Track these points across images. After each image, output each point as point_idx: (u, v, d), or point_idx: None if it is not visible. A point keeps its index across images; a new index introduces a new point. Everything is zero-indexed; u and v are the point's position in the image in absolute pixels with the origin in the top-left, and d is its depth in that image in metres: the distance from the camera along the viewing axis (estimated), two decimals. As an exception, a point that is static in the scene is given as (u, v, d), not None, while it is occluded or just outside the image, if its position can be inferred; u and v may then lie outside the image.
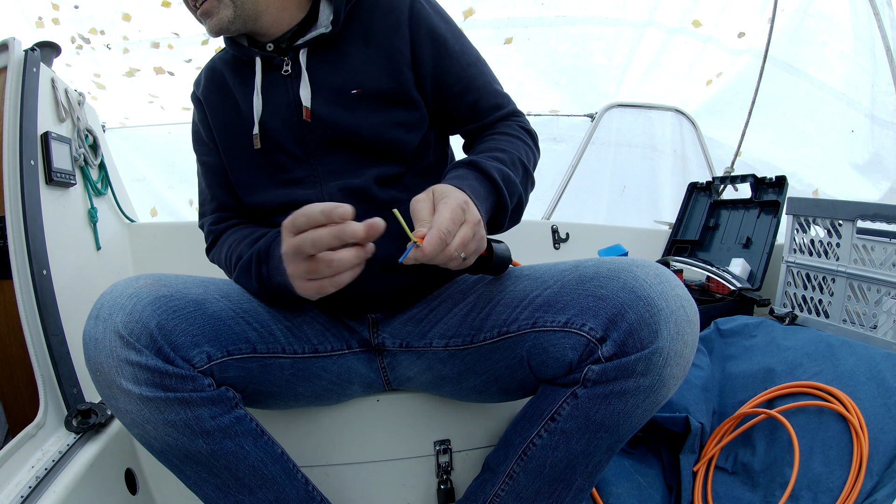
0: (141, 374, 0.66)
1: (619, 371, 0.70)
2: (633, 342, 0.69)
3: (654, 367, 0.69)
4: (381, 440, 1.00)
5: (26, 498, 0.74)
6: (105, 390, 0.67)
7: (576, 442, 0.74)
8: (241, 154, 0.91)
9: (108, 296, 0.70)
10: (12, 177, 0.92)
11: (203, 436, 0.70)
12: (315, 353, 0.85)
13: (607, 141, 2.18)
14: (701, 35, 2.13)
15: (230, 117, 0.91)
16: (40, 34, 1.64)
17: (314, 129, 0.85)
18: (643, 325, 0.69)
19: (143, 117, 1.95)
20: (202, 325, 0.73)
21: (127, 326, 0.66)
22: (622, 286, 0.72)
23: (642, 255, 1.68)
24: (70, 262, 1.03)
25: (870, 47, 2.01)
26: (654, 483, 0.99)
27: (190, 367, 0.69)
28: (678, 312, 0.69)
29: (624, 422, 0.72)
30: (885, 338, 1.08)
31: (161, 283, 0.73)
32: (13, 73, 0.96)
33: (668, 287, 0.71)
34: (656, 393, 0.71)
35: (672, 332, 0.68)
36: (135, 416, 0.67)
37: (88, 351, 0.68)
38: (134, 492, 0.94)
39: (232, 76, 0.92)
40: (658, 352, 0.68)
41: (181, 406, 0.68)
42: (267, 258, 0.79)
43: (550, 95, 2.14)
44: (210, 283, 0.80)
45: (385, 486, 1.02)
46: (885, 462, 0.85)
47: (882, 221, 1.12)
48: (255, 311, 0.80)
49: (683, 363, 0.70)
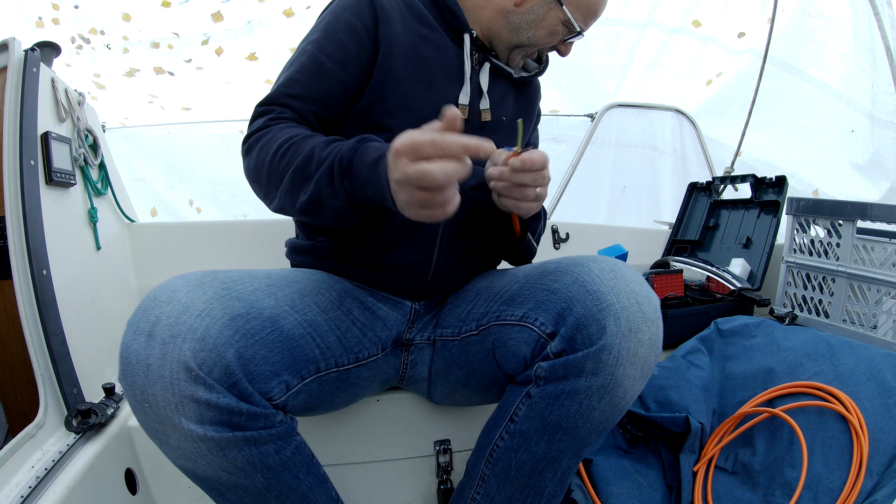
0: (207, 412, 0.57)
1: (567, 368, 0.68)
2: (581, 338, 0.67)
3: (605, 365, 0.66)
4: (382, 440, 1.00)
5: (26, 498, 0.74)
6: (153, 424, 0.58)
7: (535, 444, 0.72)
8: (402, 94, 0.84)
9: (165, 307, 0.58)
10: (12, 177, 0.92)
11: (263, 471, 0.63)
12: (357, 363, 0.82)
13: (607, 141, 2.18)
14: (701, 35, 2.13)
15: (409, 55, 0.85)
16: (40, 34, 1.64)
17: (471, 121, 0.91)
18: (591, 321, 0.67)
19: (143, 117, 1.94)
20: (280, 350, 0.65)
21: (198, 357, 0.56)
22: (574, 280, 0.71)
23: (642, 254, 1.68)
24: (70, 262, 1.03)
25: (870, 47, 2.01)
26: (654, 483, 0.99)
27: (266, 402, 0.62)
28: (630, 308, 0.66)
29: (582, 424, 0.69)
30: (885, 338, 1.08)
31: (230, 292, 0.63)
32: (13, 73, 0.96)
33: (621, 282, 0.68)
34: (611, 394, 0.67)
35: (623, 329, 0.66)
36: (188, 452, 0.59)
37: (135, 376, 0.56)
38: (134, 492, 0.94)
39: (425, 20, 0.89)
40: (607, 349, 0.65)
41: (248, 444, 0.60)
42: (350, 170, 0.67)
43: (550, 95, 2.14)
44: (274, 287, 0.71)
45: (385, 486, 1.02)
46: (885, 462, 0.85)
47: (882, 221, 1.12)
48: (316, 323, 0.74)
49: (639, 363, 0.67)
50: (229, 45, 1.83)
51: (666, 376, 1.10)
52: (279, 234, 1.33)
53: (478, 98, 0.92)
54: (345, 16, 0.85)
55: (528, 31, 0.92)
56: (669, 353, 1.22)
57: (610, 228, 1.83)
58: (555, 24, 0.92)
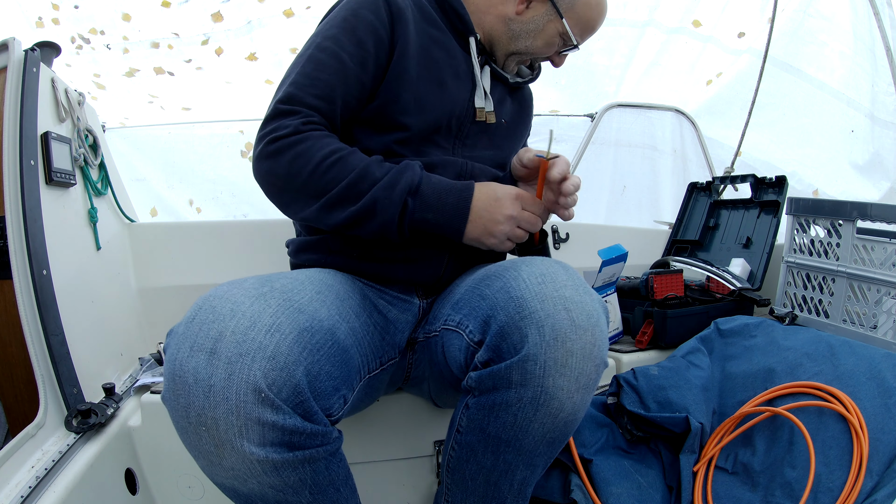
0: (271, 434, 0.53)
1: (494, 379, 0.65)
2: (506, 347, 0.64)
3: (532, 376, 0.62)
4: (382, 440, 1.01)
5: (26, 498, 0.74)
6: (207, 447, 0.53)
7: (482, 456, 0.70)
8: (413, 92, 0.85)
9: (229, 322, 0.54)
10: (12, 177, 0.92)
11: (311, 488, 0.60)
12: (381, 367, 0.82)
13: (607, 141, 2.18)
14: (701, 35, 2.13)
15: (420, 54, 0.87)
16: (40, 34, 1.64)
17: (476, 122, 0.93)
18: (513, 329, 0.63)
19: (143, 117, 1.94)
20: (339, 363, 0.63)
21: (268, 377, 0.52)
22: (502, 286, 0.68)
23: (642, 254, 1.68)
24: (70, 262, 1.03)
25: (870, 47, 2.01)
26: (654, 483, 0.99)
27: (327, 419, 0.60)
28: (557, 315, 0.63)
29: (523, 437, 0.66)
30: (885, 338, 1.08)
31: (292, 303, 0.60)
32: (13, 73, 0.96)
33: (549, 288, 0.65)
34: (546, 406, 0.64)
35: (547, 338, 0.62)
36: (240, 474, 0.55)
37: (191, 398, 0.52)
38: (134, 492, 0.94)
39: (434, 21, 0.91)
40: (531, 358, 0.62)
41: (302, 464, 0.58)
42: (416, 192, 0.75)
43: (550, 95, 2.14)
44: (322, 294, 0.69)
45: (385, 486, 1.02)
46: (885, 462, 0.85)
47: (882, 221, 1.12)
48: (356, 330, 0.73)
49: (572, 374, 0.63)
50: (229, 45, 1.83)
51: (666, 376, 1.10)
52: (279, 234, 1.33)
53: (480, 101, 0.93)
54: (362, 13, 0.83)
55: (526, 40, 0.94)
56: (669, 353, 1.22)
57: (610, 228, 1.83)
58: (552, 36, 0.94)
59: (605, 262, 1.23)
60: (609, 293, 1.32)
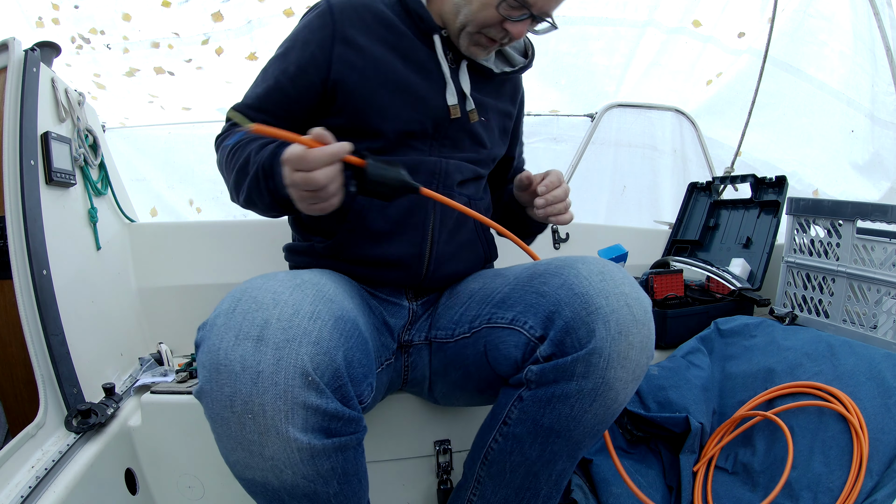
0: (313, 419, 0.55)
1: (557, 372, 0.67)
2: (570, 341, 0.66)
3: (595, 368, 0.65)
4: (382, 440, 1.00)
5: (26, 498, 0.74)
6: (251, 436, 0.54)
7: (529, 447, 0.71)
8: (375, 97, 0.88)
9: (273, 310, 0.55)
10: (12, 177, 0.92)
11: (341, 477, 0.61)
12: (380, 366, 0.83)
13: (607, 141, 2.18)
14: (701, 35, 2.13)
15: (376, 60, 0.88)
16: (40, 34, 1.64)
17: (454, 121, 0.92)
18: (580, 324, 0.66)
19: (143, 117, 1.94)
20: (365, 352, 0.65)
21: (314, 360, 0.54)
22: (562, 283, 0.70)
23: (642, 254, 1.68)
24: (70, 262, 1.03)
25: (870, 47, 2.01)
26: (654, 483, 0.99)
27: (360, 405, 0.62)
28: (620, 311, 0.66)
29: (575, 427, 0.69)
30: (885, 338, 1.08)
31: (324, 293, 0.62)
32: (13, 73, 0.96)
33: (610, 284, 0.67)
34: (603, 396, 0.67)
35: (612, 332, 0.65)
36: (278, 464, 0.55)
37: (238, 385, 0.52)
38: (134, 492, 0.94)
39: (389, 23, 0.90)
40: (597, 352, 0.65)
41: (337, 451, 0.59)
42: (272, 174, 0.76)
43: (550, 95, 2.14)
44: (340, 287, 0.72)
45: (385, 486, 1.02)
46: (885, 462, 0.85)
47: (882, 221, 1.12)
48: (369, 325, 0.75)
49: (631, 366, 0.66)
50: (229, 45, 1.83)
51: (666, 376, 1.10)
52: (279, 235, 1.33)
53: (461, 97, 0.92)
54: (303, 34, 0.90)
55: (464, 9, 0.87)
56: (669, 353, 1.22)
57: (610, 228, 1.83)
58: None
59: (605, 262, 1.23)
60: (609, 293, 1.32)
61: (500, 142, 1.03)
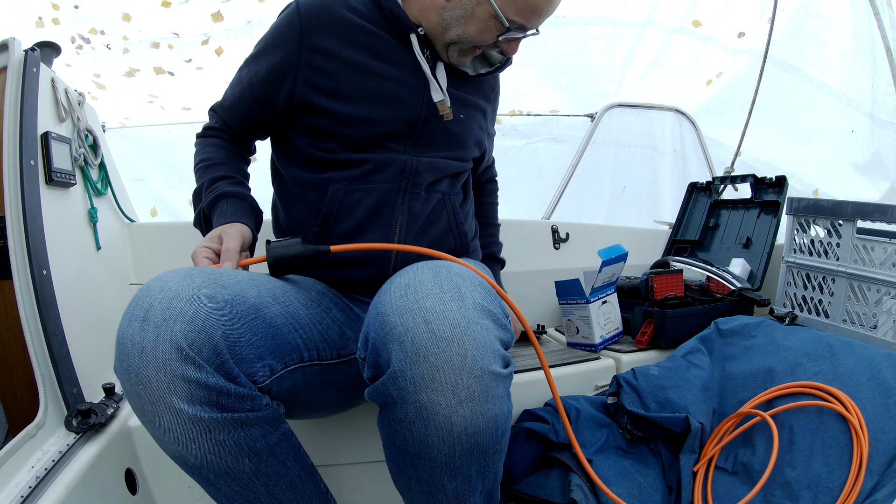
0: (198, 392, 0.58)
1: (379, 396, 0.65)
2: (381, 363, 0.64)
3: (406, 392, 0.61)
4: (380, 440, 1.00)
5: (26, 498, 0.74)
6: (146, 406, 0.59)
7: (405, 467, 0.69)
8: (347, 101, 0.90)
9: (157, 294, 0.61)
10: (12, 177, 0.92)
11: (251, 455, 0.64)
12: (339, 358, 0.83)
13: (607, 141, 2.18)
14: (701, 35, 2.13)
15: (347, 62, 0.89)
16: (40, 34, 1.64)
17: (429, 121, 0.93)
18: (381, 346, 0.63)
19: (143, 117, 1.94)
20: (264, 335, 0.67)
21: (188, 337, 0.58)
22: (376, 300, 0.68)
23: (642, 255, 1.68)
24: (70, 262, 1.03)
25: (870, 47, 2.01)
26: (654, 483, 0.99)
27: (252, 384, 0.64)
28: (416, 330, 0.60)
29: (429, 451, 0.64)
30: (885, 338, 1.08)
31: (217, 281, 0.66)
32: (13, 73, 0.96)
33: (410, 300, 0.62)
34: (433, 422, 0.61)
35: (409, 354, 0.60)
36: (178, 436, 0.60)
37: (129, 360, 0.58)
38: (134, 492, 0.94)
39: (360, 26, 0.90)
40: (399, 375, 0.61)
41: (235, 426, 0.61)
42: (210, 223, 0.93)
43: (550, 95, 2.14)
44: (258, 282, 0.75)
45: (385, 485, 1.02)
46: (885, 462, 0.85)
47: (882, 221, 1.12)
48: (299, 315, 0.77)
49: (447, 389, 0.60)
50: (229, 45, 1.83)
51: (666, 376, 1.10)
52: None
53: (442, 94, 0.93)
54: (273, 38, 0.92)
55: (458, 28, 0.88)
56: (669, 353, 1.22)
57: (610, 228, 1.83)
58: (485, 20, 0.87)
59: (605, 262, 1.23)
60: (609, 293, 1.32)
61: (479, 139, 1.04)
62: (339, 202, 0.89)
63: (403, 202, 0.91)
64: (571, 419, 1.05)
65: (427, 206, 0.94)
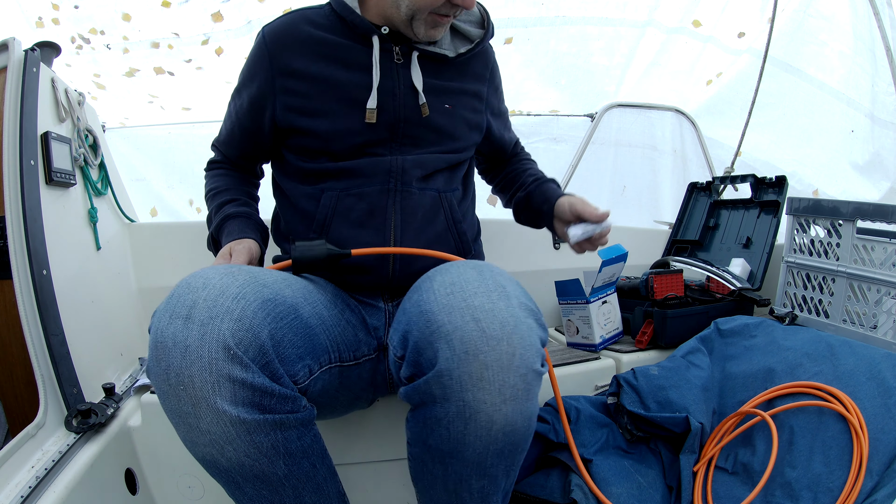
0: (242, 392, 0.57)
1: (418, 395, 0.64)
2: (424, 362, 0.63)
3: (451, 391, 0.61)
4: (382, 440, 1.01)
5: (26, 498, 0.74)
6: (186, 408, 0.58)
7: (432, 466, 0.69)
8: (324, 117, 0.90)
9: (201, 292, 0.60)
10: (12, 177, 0.92)
11: (286, 457, 0.63)
12: (354, 360, 0.83)
13: (607, 141, 2.18)
14: (701, 35, 2.13)
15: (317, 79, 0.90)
16: (40, 34, 1.64)
17: (410, 120, 0.92)
18: (425, 345, 0.62)
19: (143, 117, 1.94)
20: (303, 335, 0.67)
21: (236, 336, 0.57)
22: (417, 298, 0.67)
23: (642, 254, 1.68)
24: (70, 262, 1.03)
25: (870, 47, 2.01)
26: (654, 483, 0.99)
27: (294, 385, 0.63)
28: (465, 328, 0.60)
29: (463, 449, 0.64)
30: (885, 338, 1.08)
31: (258, 280, 0.65)
32: (13, 73, 0.96)
33: (457, 298, 0.62)
34: (474, 420, 0.61)
35: (458, 352, 0.59)
36: (216, 438, 0.58)
37: (170, 359, 0.57)
38: (134, 492, 0.94)
39: (324, 39, 0.91)
40: (445, 374, 0.60)
41: (274, 428, 0.61)
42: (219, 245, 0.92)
43: (550, 95, 2.14)
44: (289, 280, 0.75)
45: (385, 486, 1.02)
46: (885, 462, 0.85)
47: (882, 221, 1.12)
48: (324, 316, 0.77)
49: (494, 387, 0.60)
50: (229, 45, 1.83)
51: (666, 376, 1.10)
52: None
53: (412, 95, 0.92)
54: (250, 69, 0.95)
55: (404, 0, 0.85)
56: (669, 353, 1.22)
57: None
58: None
59: (605, 262, 1.23)
60: (609, 293, 1.32)
61: (474, 125, 1.01)
62: (333, 209, 0.90)
63: (395, 201, 0.91)
64: (571, 419, 1.05)
65: (421, 202, 0.93)
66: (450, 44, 0.97)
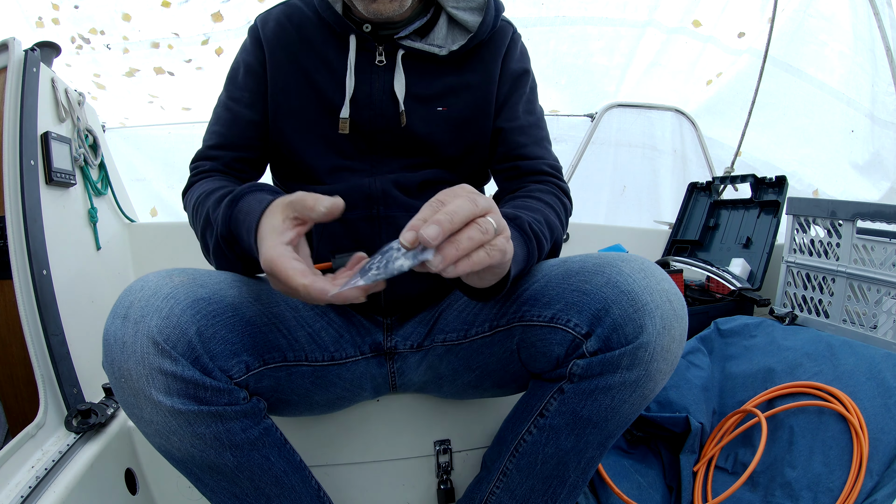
0: (174, 385, 0.61)
1: (603, 366, 0.69)
2: (617, 337, 0.68)
3: (640, 361, 0.68)
4: (382, 440, 1.00)
5: (26, 498, 0.74)
6: (129, 398, 0.63)
7: (565, 438, 0.74)
8: (299, 120, 0.87)
9: (138, 293, 0.64)
10: (12, 177, 0.92)
11: (232, 449, 0.67)
12: (332, 361, 0.83)
13: (607, 141, 2.18)
14: (701, 35, 2.13)
15: (297, 79, 0.86)
16: (40, 34, 1.64)
17: (389, 130, 0.87)
18: (628, 321, 0.68)
19: (143, 117, 1.95)
20: (240, 333, 0.69)
21: (163, 332, 0.61)
22: (606, 281, 0.71)
23: (642, 254, 1.66)
24: (70, 262, 1.03)
25: (870, 47, 2.01)
26: (654, 483, 0.99)
27: (227, 378, 0.66)
28: (664, 307, 0.68)
29: (612, 417, 0.71)
30: (885, 338, 1.08)
31: (197, 281, 0.69)
32: (13, 73, 0.96)
33: (653, 281, 0.69)
34: (643, 387, 0.70)
35: (658, 327, 0.67)
36: (160, 428, 0.63)
37: (112, 354, 0.62)
38: (134, 492, 0.94)
39: (307, 37, 0.87)
40: (644, 346, 0.67)
41: (213, 420, 0.64)
42: (235, 240, 0.73)
43: (550, 95, 2.14)
44: (242, 283, 0.76)
45: (385, 486, 1.02)
46: (885, 462, 0.85)
47: (882, 221, 1.12)
48: (283, 316, 0.77)
49: (671, 358, 0.69)
50: (229, 45, 1.83)
51: (666, 376, 1.10)
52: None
53: (392, 103, 0.85)
54: (241, 56, 0.91)
55: None
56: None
57: (610, 228, 1.83)
58: None
59: (605, 262, 1.23)
60: (609, 293, 1.32)
61: (476, 125, 0.89)
62: (320, 234, 0.85)
63: (381, 230, 0.84)
64: (571, 419, 1.05)
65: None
66: (445, 37, 0.86)
